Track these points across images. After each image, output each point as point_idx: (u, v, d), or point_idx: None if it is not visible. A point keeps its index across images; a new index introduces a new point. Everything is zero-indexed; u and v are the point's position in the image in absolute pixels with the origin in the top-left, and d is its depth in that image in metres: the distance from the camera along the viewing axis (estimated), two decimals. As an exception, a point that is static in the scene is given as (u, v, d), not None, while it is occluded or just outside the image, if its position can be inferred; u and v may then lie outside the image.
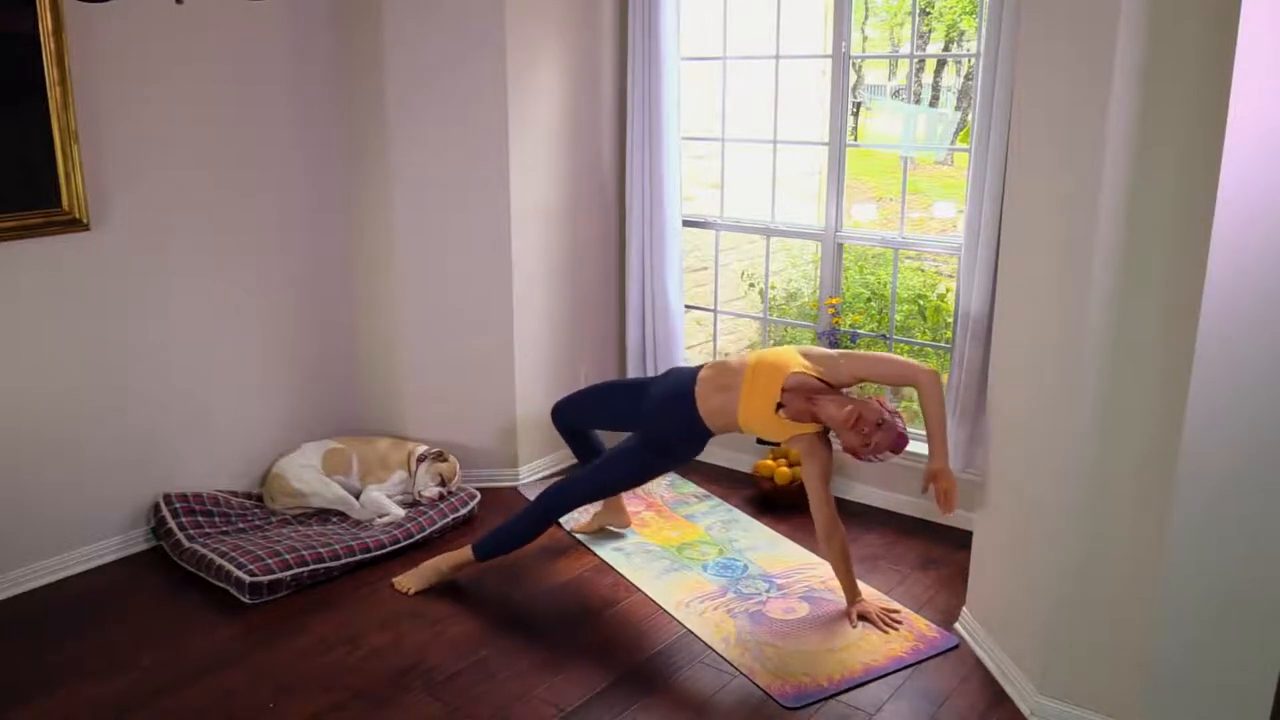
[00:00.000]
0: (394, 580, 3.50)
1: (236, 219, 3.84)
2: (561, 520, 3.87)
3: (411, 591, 3.43)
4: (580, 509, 3.85)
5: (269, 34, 3.83)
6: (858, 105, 7.59)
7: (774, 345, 4.41)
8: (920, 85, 7.91)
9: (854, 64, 4.45)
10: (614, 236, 4.64)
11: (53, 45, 3.21)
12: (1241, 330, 2.23)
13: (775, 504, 4.12)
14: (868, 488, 4.15)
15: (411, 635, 3.19)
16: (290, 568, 3.38)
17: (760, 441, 3.67)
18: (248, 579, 3.30)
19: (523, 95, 4.05)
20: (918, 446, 4.02)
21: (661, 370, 4.53)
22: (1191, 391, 2.28)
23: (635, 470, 3.47)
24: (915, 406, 5.29)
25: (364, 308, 4.29)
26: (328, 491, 3.87)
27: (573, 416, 3.77)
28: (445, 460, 4.02)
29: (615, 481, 3.52)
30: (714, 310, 4.80)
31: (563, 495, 3.47)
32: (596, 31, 4.34)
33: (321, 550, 3.49)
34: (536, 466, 4.43)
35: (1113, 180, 2.38)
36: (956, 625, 3.23)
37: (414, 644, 3.14)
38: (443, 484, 3.97)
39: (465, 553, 3.46)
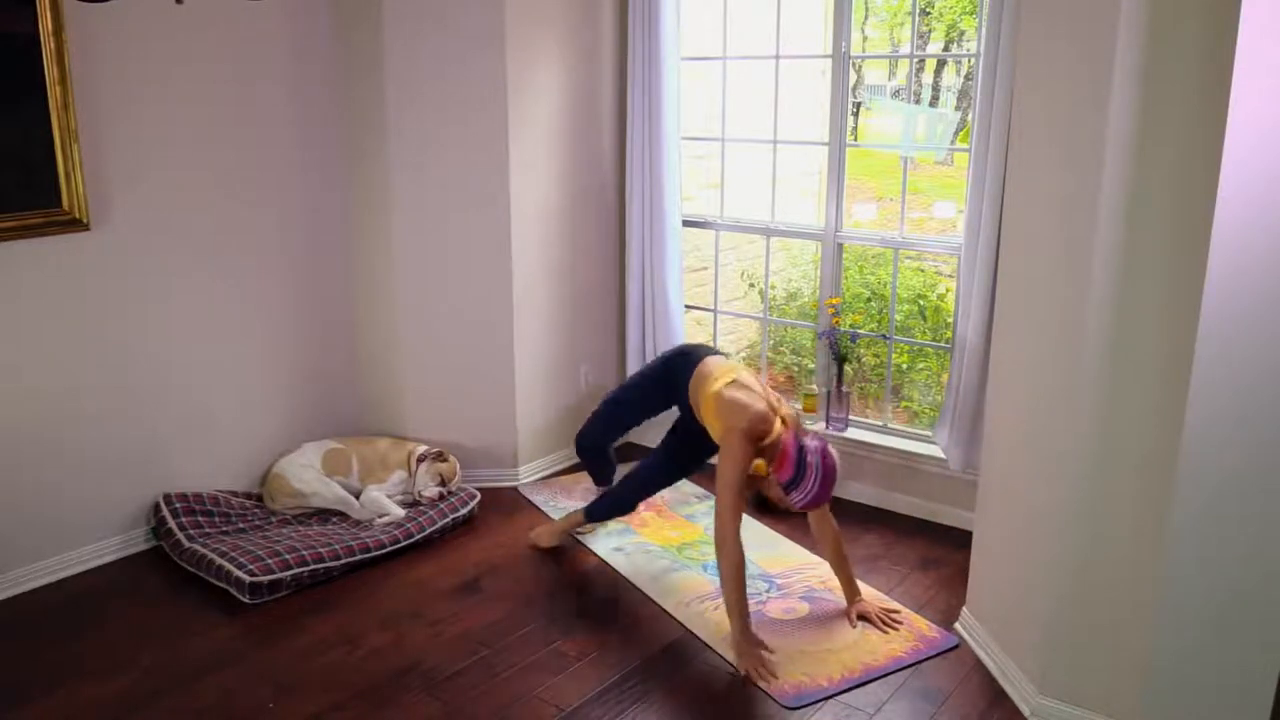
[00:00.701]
0: (531, 534, 3.81)
1: (236, 219, 3.84)
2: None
3: (544, 546, 3.76)
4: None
5: (269, 34, 3.83)
6: (858, 105, 7.59)
7: (742, 362, 4.12)
8: (920, 85, 7.91)
9: (854, 64, 4.45)
10: (614, 236, 4.64)
11: (53, 45, 3.21)
12: (1241, 330, 2.23)
13: (775, 504, 4.11)
14: (868, 488, 4.15)
15: (411, 635, 3.19)
16: (290, 568, 3.39)
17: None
18: (248, 579, 3.30)
19: (523, 95, 4.05)
20: (915, 445, 4.03)
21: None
22: (1191, 391, 2.28)
23: (689, 459, 3.68)
24: (915, 407, 5.29)
25: (364, 307, 4.29)
26: (328, 491, 3.87)
27: (607, 431, 3.78)
28: (445, 460, 4.02)
29: (680, 469, 3.72)
30: (714, 310, 4.80)
31: (649, 474, 3.68)
32: (596, 31, 4.34)
33: (321, 550, 3.49)
34: (536, 466, 4.43)
35: (1113, 180, 2.38)
36: (956, 625, 3.23)
37: (414, 644, 3.15)
38: (443, 484, 3.97)
39: (579, 515, 3.76)
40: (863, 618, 3.24)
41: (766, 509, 4.09)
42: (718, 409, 3.19)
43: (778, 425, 3.13)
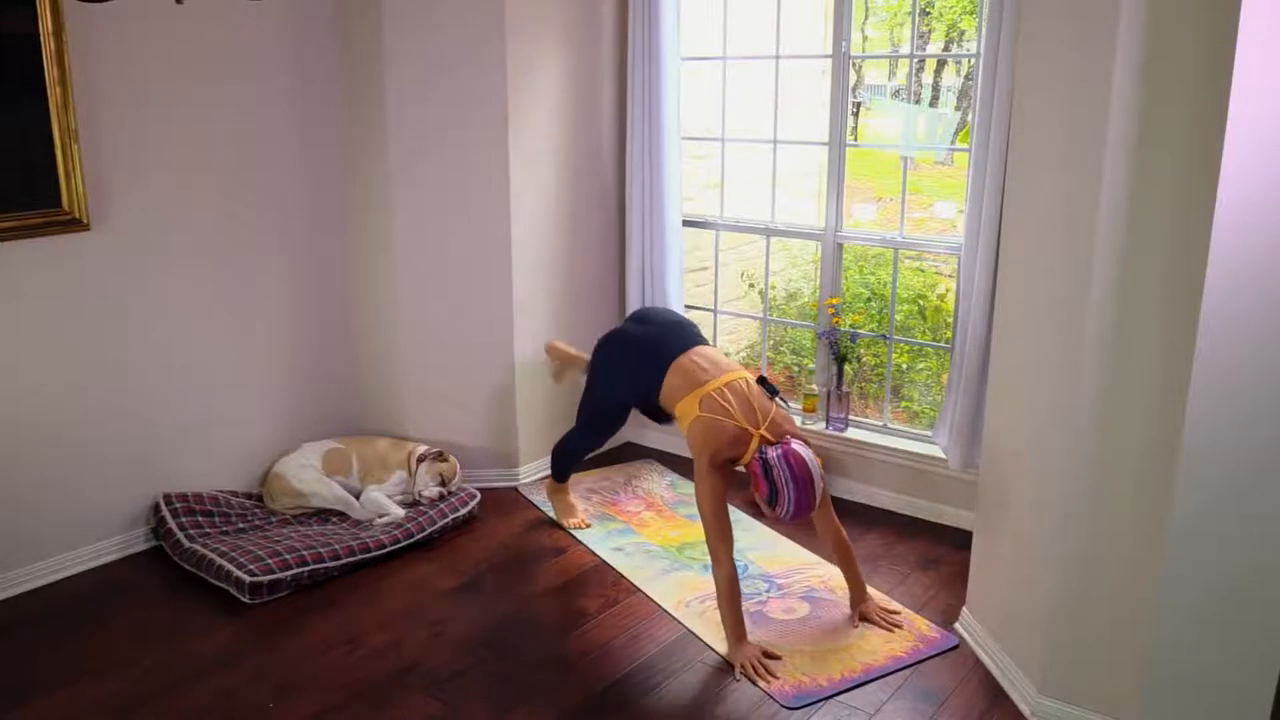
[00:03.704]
0: (567, 524, 3.91)
1: (236, 219, 3.84)
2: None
3: (571, 521, 3.93)
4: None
5: (269, 33, 3.83)
6: (858, 105, 7.59)
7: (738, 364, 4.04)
8: (920, 85, 7.91)
9: (854, 64, 4.45)
10: (614, 236, 4.64)
11: (53, 45, 3.21)
12: (1241, 330, 2.23)
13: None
14: (868, 488, 4.15)
15: (411, 635, 3.19)
16: (290, 568, 3.39)
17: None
18: (248, 579, 3.30)
19: (523, 95, 4.05)
20: (914, 445, 4.03)
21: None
22: (1191, 391, 2.28)
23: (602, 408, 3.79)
24: (915, 407, 5.29)
25: (364, 307, 4.29)
26: (327, 491, 3.87)
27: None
28: (445, 460, 4.02)
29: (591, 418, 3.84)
30: (714, 310, 4.80)
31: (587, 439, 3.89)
32: (596, 31, 4.34)
33: (321, 550, 3.49)
34: (536, 466, 4.43)
35: (1113, 180, 2.38)
36: (956, 625, 3.23)
37: (414, 644, 3.15)
38: (443, 484, 3.97)
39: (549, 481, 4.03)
40: (864, 619, 3.24)
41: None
42: (689, 433, 3.17)
43: (754, 444, 3.05)
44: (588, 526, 3.92)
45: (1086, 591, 2.62)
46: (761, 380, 3.24)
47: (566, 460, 3.93)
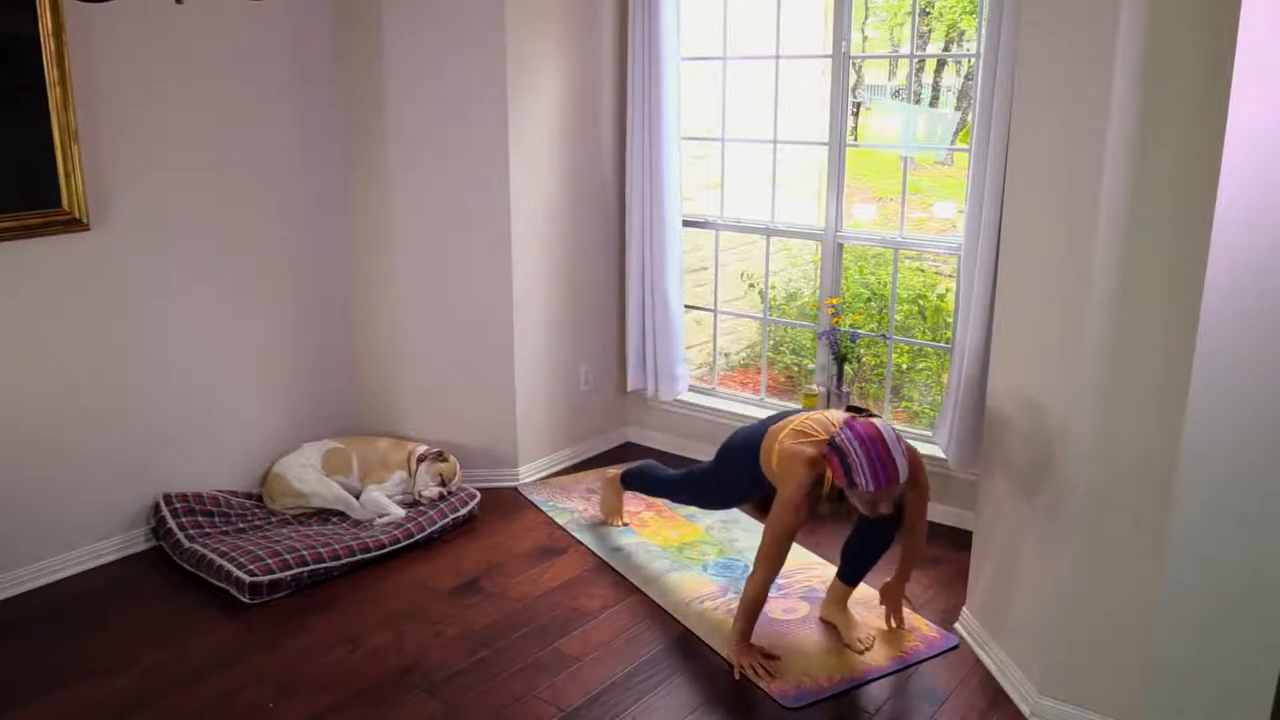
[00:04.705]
0: (608, 519, 3.93)
1: (236, 219, 3.84)
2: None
3: (616, 520, 3.92)
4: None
5: (269, 34, 3.83)
6: (858, 105, 7.59)
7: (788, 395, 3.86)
8: (920, 85, 7.91)
9: (854, 64, 4.45)
10: (614, 236, 4.64)
11: (53, 45, 3.21)
12: (1241, 330, 2.23)
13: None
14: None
15: (411, 635, 3.19)
16: (290, 568, 3.39)
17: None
18: (248, 579, 3.30)
19: (523, 95, 4.05)
20: (914, 445, 4.03)
21: (662, 369, 4.52)
22: (1191, 391, 2.28)
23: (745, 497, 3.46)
24: (915, 407, 5.29)
25: (364, 308, 4.29)
26: (327, 491, 3.87)
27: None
28: (445, 460, 4.02)
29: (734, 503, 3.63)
30: (714, 310, 4.80)
31: (703, 492, 3.58)
32: (596, 31, 4.34)
33: (321, 550, 3.49)
34: (536, 466, 4.43)
35: (1113, 180, 2.38)
36: (956, 625, 3.23)
37: (414, 644, 3.15)
38: (443, 484, 3.97)
39: (614, 477, 3.92)
40: (883, 599, 3.24)
41: (767, 509, 3.99)
42: (777, 466, 2.98)
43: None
44: (625, 525, 3.92)
45: (1086, 591, 2.62)
46: (855, 409, 3.02)
47: (645, 482, 3.78)
